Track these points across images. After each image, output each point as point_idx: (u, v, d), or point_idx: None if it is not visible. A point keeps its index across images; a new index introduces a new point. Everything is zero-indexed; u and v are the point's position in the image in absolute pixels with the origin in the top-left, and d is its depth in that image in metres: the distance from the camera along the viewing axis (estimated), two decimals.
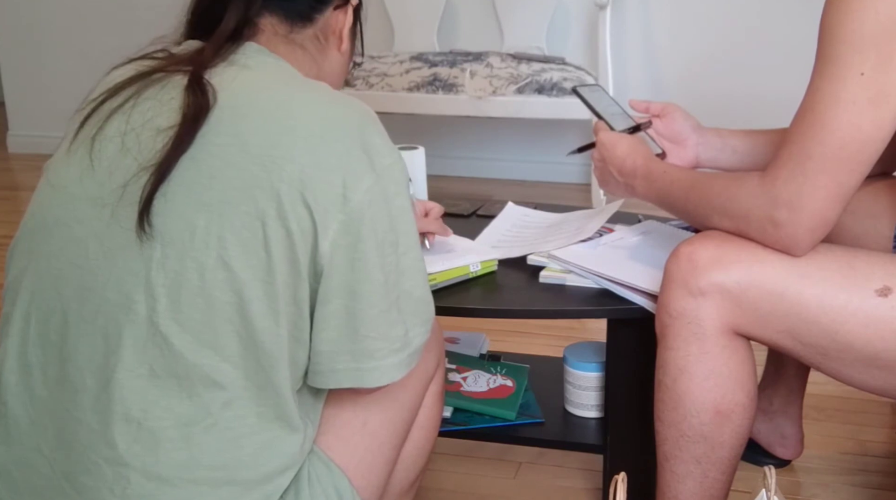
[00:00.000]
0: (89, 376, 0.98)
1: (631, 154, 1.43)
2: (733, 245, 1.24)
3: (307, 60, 1.14)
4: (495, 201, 1.85)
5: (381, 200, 1.01)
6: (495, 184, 3.65)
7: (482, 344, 1.90)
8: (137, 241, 0.97)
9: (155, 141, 0.98)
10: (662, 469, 1.34)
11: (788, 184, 1.17)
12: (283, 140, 0.97)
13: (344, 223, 0.98)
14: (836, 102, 1.14)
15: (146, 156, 0.98)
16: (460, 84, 3.17)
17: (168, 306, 0.96)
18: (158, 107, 1.01)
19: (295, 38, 1.12)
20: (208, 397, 0.97)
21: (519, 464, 1.86)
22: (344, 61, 1.20)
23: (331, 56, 1.17)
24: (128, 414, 0.97)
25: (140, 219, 0.96)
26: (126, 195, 0.98)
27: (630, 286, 1.42)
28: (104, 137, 1.02)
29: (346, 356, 1.02)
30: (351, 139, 1.00)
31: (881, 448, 1.89)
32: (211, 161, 0.97)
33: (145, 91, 1.03)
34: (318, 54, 1.15)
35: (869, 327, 1.18)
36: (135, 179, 0.98)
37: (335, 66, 1.19)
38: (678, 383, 1.28)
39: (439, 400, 1.30)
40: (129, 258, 0.97)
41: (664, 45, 3.50)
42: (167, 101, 1.00)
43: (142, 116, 1.01)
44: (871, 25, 1.11)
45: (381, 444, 1.15)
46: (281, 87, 1.03)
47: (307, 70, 1.13)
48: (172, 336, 0.96)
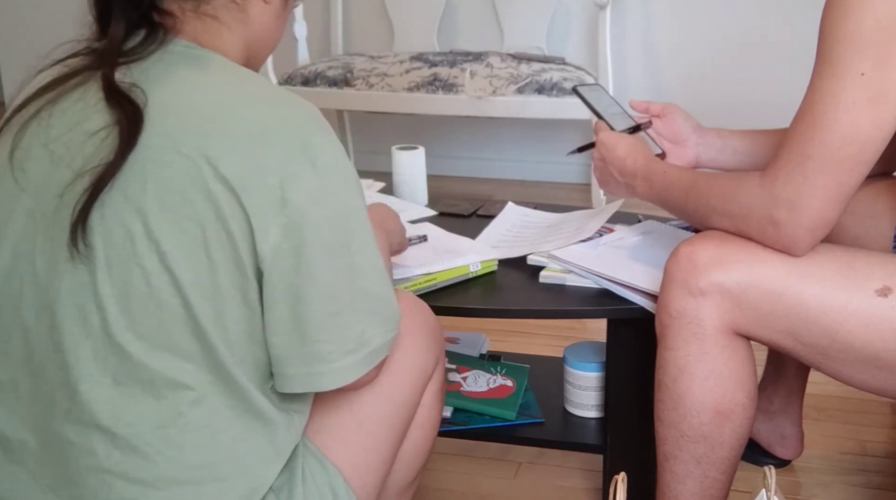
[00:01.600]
0: (57, 389, 0.97)
1: (631, 154, 1.43)
2: (733, 245, 1.24)
3: (229, 30, 1.05)
4: (495, 201, 1.85)
5: (327, 200, 0.97)
6: (495, 184, 3.65)
7: (482, 344, 1.90)
8: (79, 253, 0.94)
9: (85, 145, 0.95)
10: (662, 469, 1.34)
11: (788, 184, 1.17)
12: (218, 141, 0.94)
13: (285, 227, 0.95)
14: (835, 102, 1.14)
15: (79, 162, 0.95)
16: (460, 84, 3.17)
17: (120, 314, 0.95)
18: (84, 110, 0.97)
19: (207, 11, 1.03)
20: (176, 398, 0.97)
21: (519, 464, 1.86)
22: (274, 9, 1.09)
23: (255, 13, 1.07)
24: (99, 424, 0.96)
25: (74, 231, 0.94)
26: (63, 206, 0.95)
27: (630, 286, 1.42)
28: (22, 148, 0.98)
29: (296, 361, 1.00)
30: (290, 139, 0.96)
31: (881, 448, 1.89)
32: (144, 164, 0.93)
33: (66, 96, 0.99)
34: (239, 18, 1.05)
35: (869, 327, 1.18)
36: (70, 188, 0.95)
37: (266, 19, 1.08)
38: (678, 383, 1.28)
39: (439, 400, 1.29)
40: (75, 271, 0.95)
41: (664, 44, 3.50)
42: (94, 102, 0.97)
43: (66, 121, 0.97)
44: (870, 26, 1.11)
45: (378, 443, 1.15)
46: (216, 84, 0.99)
47: (235, 40, 1.06)
48: (128, 345, 0.95)
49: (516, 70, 3.19)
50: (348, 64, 3.34)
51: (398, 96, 3.24)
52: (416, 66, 3.28)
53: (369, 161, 3.64)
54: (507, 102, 3.15)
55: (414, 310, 1.25)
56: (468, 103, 3.17)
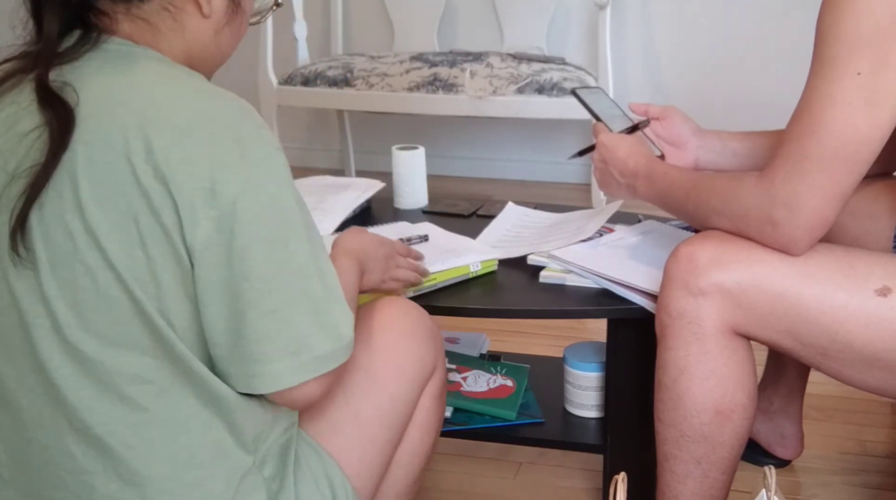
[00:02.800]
0: (24, 395, 0.98)
1: (632, 155, 1.43)
2: (733, 245, 1.24)
3: (163, 36, 1.02)
4: (495, 201, 1.85)
5: (258, 194, 0.95)
6: (495, 184, 3.65)
7: (482, 344, 1.90)
8: (20, 257, 0.94)
9: (18, 147, 0.95)
10: (662, 469, 1.34)
11: (786, 184, 1.17)
12: (147, 134, 0.93)
13: (216, 219, 0.93)
14: (832, 102, 1.14)
15: (13, 164, 0.95)
16: (460, 84, 3.17)
17: (70, 314, 0.95)
18: (17, 112, 0.96)
19: (138, 14, 1.01)
20: (138, 393, 0.96)
21: (519, 464, 1.86)
22: (213, 27, 1.05)
23: (192, 26, 1.04)
24: (72, 424, 0.97)
25: (14, 236, 0.94)
26: (2, 210, 0.95)
27: (630, 286, 1.42)
28: None
29: (234, 360, 0.98)
30: (221, 132, 0.95)
31: (881, 448, 1.89)
32: (77, 161, 0.93)
33: (2, 97, 0.98)
34: (172, 26, 1.03)
35: (869, 326, 1.18)
36: (6, 191, 0.95)
37: (202, 36, 1.05)
38: (678, 383, 1.28)
39: (438, 402, 1.29)
40: (20, 276, 0.95)
41: (664, 45, 3.50)
42: (26, 104, 0.96)
43: (2, 124, 0.97)
44: (867, 25, 1.11)
45: (374, 436, 1.15)
46: (148, 79, 0.98)
47: (171, 46, 1.03)
48: (82, 344, 0.95)
49: (516, 70, 3.19)
50: (348, 64, 3.34)
51: (398, 96, 3.24)
52: (416, 66, 3.28)
53: (369, 161, 3.64)
54: (507, 102, 3.15)
55: (411, 312, 1.26)
56: (468, 103, 3.17)
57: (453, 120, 3.61)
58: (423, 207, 1.86)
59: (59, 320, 0.95)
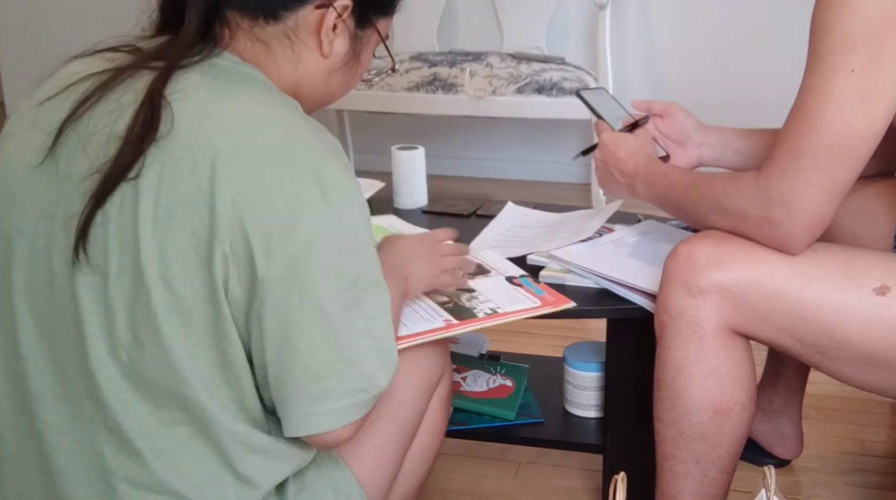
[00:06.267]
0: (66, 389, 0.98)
1: (633, 156, 1.43)
2: (732, 244, 1.24)
3: (276, 63, 1.04)
4: (495, 201, 1.85)
5: (334, 232, 0.95)
6: (495, 184, 3.65)
7: (482, 344, 1.90)
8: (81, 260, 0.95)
9: (108, 148, 0.95)
10: (662, 469, 1.34)
11: (782, 182, 1.17)
12: (233, 160, 0.93)
13: (291, 255, 0.93)
14: (827, 99, 1.14)
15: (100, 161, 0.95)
16: (460, 84, 3.17)
17: (126, 319, 0.95)
18: (119, 111, 0.96)
19: (259, 35, 1.02)
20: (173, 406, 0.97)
21: (519, 464, 1.86)
22: (327, 68, 1.07)
23: (308, 60, 1.05)
24: (107, 424, 0.97)
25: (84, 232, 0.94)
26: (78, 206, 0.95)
27: (629, 286, 1.42)
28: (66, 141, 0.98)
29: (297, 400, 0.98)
30: (305, 166, 0.95)
31: (881, 448, 1.89)
32: (162, 174, 0.93)
33: (108, 93, 0.98)
34: (288, 55, 1.04)
35: (868, 326, 1.18)
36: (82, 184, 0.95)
37: (314, 73, 1.06)
38: (677, 383, 1.28)
39: (445, 406, 1.31)
40: (86, 272, 0.95)
41: (664, 45, 3.49)
42: (128, 105, 0.96)
43: (103, 120, 0.97)
44: (861, 23, 1.11)
45: (387, 442, 1.16)
46: (245, 104, 0.97)
47: (281, 72, 1.04)
48: (129, 349, 0.95)
49: (516, 70, 3.19)
50: None
51: (398, 96, 3.24)
52: (416, 66, 3.28)
53: (369, 161, 3.64)
54: (507, 102, 3.15)
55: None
56: (468, 103, 3.17)
57: (453, 120, 3.61)
58: (423, 207, 1.86)
59: (117, 323, 0.95)
